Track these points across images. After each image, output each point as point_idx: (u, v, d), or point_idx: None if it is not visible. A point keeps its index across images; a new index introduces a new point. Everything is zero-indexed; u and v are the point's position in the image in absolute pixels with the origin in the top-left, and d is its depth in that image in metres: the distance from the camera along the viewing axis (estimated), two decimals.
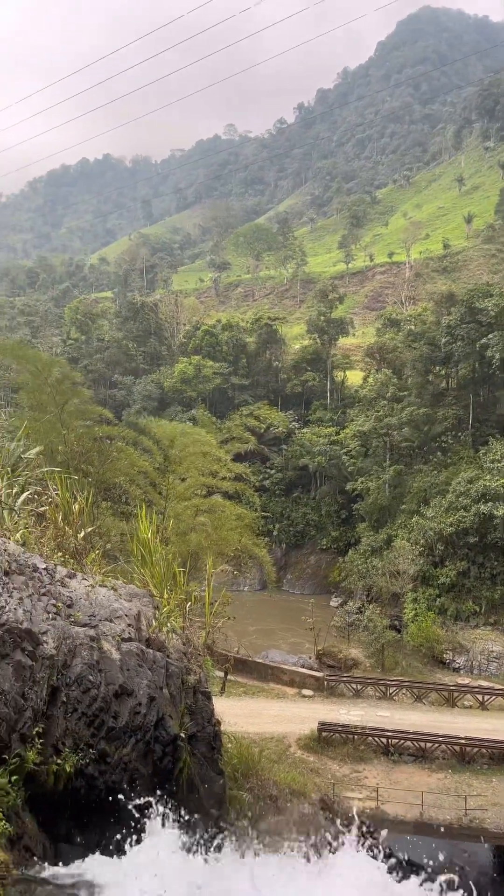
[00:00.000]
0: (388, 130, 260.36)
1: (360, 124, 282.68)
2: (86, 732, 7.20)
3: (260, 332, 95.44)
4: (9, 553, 7.76)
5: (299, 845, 5.97)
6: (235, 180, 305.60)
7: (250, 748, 18.43)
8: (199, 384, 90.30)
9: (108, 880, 4.88)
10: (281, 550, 76.62)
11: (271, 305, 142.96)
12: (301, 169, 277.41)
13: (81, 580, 8.90)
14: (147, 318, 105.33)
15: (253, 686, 32.42)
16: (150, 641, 8.91)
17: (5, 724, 6.33)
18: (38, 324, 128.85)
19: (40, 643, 7.14)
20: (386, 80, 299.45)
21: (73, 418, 33.30)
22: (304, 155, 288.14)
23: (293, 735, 25.64)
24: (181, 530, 30.05)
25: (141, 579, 11.72)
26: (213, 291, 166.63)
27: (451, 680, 35.02)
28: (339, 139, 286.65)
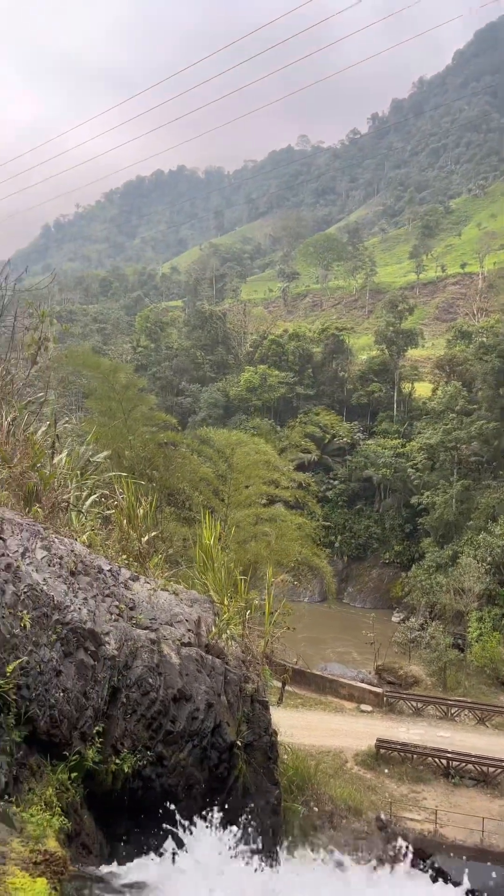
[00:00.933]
0: (463, 140, 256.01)
1: (434, 133, 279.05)
2: (144, 734, 7.26)
3: (327, 342, 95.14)
4: (76, 554, 7.93)
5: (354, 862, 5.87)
6: (307, 190, 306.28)
7: (306, 761, 18.26)
8: (264, 393, 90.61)
9: (162, 883, 4.91)
10: (343, 562, 75.89)
11: (339, 315, 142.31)
12: (373, 179, 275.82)
13: (144, 583, 9.01)
14: (215, 326, 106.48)
15: (310, 698, 32.14)
16: (210, 647, 8.94)
17: (67, 721, 6.46)
18: (110, 331, 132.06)
19: (103, 643, 7.26)
20: (463, 88, 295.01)
21: (140, 424, 33.95)
22: (376, 165, 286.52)
23: (350, 750, 25.26)
24: (241, 538, 30.16)
25: (202, 585, 11.80)
26: (282, 301, 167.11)
27: None
28: (413, 149, 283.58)
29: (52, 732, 6.30)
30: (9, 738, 5.83)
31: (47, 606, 6.78)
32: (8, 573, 6.60)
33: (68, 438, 14.00)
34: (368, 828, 18.20)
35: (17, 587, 6.59)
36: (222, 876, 5.14)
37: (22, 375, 12.35)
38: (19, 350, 12.98)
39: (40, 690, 6.25)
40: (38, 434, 11.54)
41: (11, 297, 12.61)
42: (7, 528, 7.23)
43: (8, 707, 5.93)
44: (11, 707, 5.95)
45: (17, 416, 10.63)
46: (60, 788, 6.12)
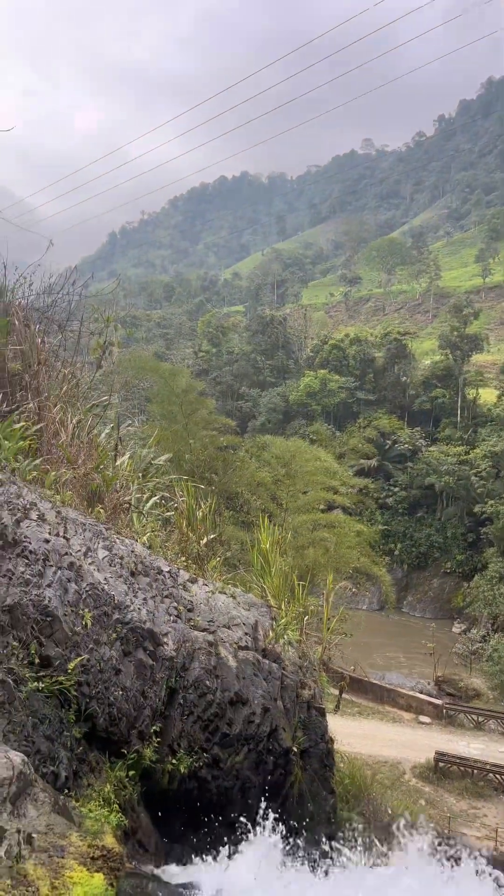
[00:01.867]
0: None
1: (502, 135, 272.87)
2: (200, 736, 7.30)
3: (389, 347, 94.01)
4: (136, 554, 8.04)
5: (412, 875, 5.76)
6: (370, 194, 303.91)
7: (363, 770, 18.02)
8: (324, 398, 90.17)
9: (217, 885, 4.91)
10: (402, 571, 74.71)
11: (402, 320, 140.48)
12: (439, 182, 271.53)
13: (202, 585, 9.07)
14: (275, 331, 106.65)
15: (367, 707, 31.73)
16: (267, 652, 8.92)
17: (125, 719, 6.54)
18: (173, 336, 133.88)
19: (161, 644, 7.33)
20: None
21: (200, 428, 34.29)
22: (442, 167, 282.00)
23: (408, 762, 24.81)
24: (299, 544, 30.05)
25: (259, 589, 11.80)
26: (343, 306, 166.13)
27: None
28: (481, 150, 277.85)
29: (111, 730, 6.40)
30: (69, 734, 5.95)
31: (108, 605, 6.90)
32: (71, 571, 6.75)
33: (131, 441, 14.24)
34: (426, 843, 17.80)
35: (80, 586, 6.73)
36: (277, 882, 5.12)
37: (87, 379, 12.63)
38: (85, 354, 13.28)
39: (100, 688, 6.36)
40: (102, 437, 11.79)
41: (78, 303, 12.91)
42: (71, 528, 7.39)
43: (69, 703, 6.05)
44: (72, 703, 6.07)
45: (82, 418, 10.87)
46: (118, 785, 6.21)
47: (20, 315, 10.62)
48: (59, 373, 11.42)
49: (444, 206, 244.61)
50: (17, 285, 11.27)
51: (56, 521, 7.22)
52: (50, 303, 12.14)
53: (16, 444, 8.20)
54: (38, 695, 5.76)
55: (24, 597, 6.10)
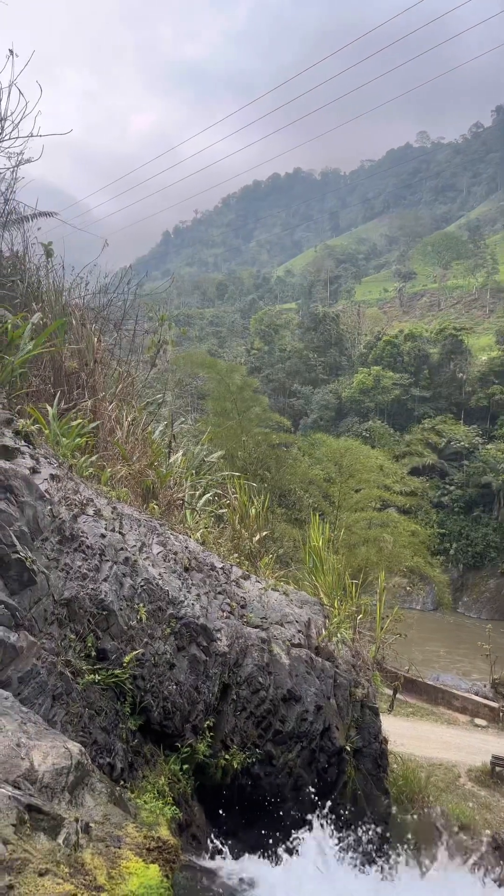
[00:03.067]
0: None
1: None
2: (253, 732, 7.32)
3: (444, 343, 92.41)
4: (189, 550, 8.11)
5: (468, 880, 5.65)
6: (425, 188, 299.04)
7: (417, 772, 17.78)
8: (378, 395, 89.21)
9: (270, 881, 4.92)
10: (458, 571, 73.39)
11: (458, 315, 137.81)
12: (497, 173, 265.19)
13: (255, 582, 9.09)
14: (328, 328, 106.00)
15: (421, 708, 31.28)
16: (319, 650, 8.89)
17: (179, 713, 6.61)
18: (225, 334, 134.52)
19: (214, 640, 7.38)
20: None
21: (253, 425, 34.35)
22: (500, 159, 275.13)
23: (463, 765, 24.35)
24: (352, 542, 29.82)
25: (311, 587, 11.76)
26: (397, 301, 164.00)
27: None
28: None
29: (165, 724, 6.47)
30: (124, 726, 6.04)
31: (162, 600, 6.98)
32: (126, 566, 6.84)
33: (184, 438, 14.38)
34: (481, 846, 17.46)
35: (135, 580, 6.83)
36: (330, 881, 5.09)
37: (141, 377, 12.80)
38: (139, 352, 13.46)
39: (154, 682, 6.43)
40: (156, 434, 11.93)
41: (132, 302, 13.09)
42: (126, 524, 7.50)
43: (124, 696, 6.15)
44: (127, 696, 6.16)
45: (137, 416, 11.02)
46: (172, 779, 6.28)
47: (77, 315, 10.83)
48: (115, 371, 11.60)
49: (503, 199, 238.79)
50: (74, 285, 11.49)
51: (112, 517, 7.34)
52: (105, 302, 12.35)
53: (73, 442, 8.36)
54: (95, 687, 5.86)
55: (82, 591, 6.22)
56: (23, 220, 11.50)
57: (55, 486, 6.88)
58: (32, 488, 6.31)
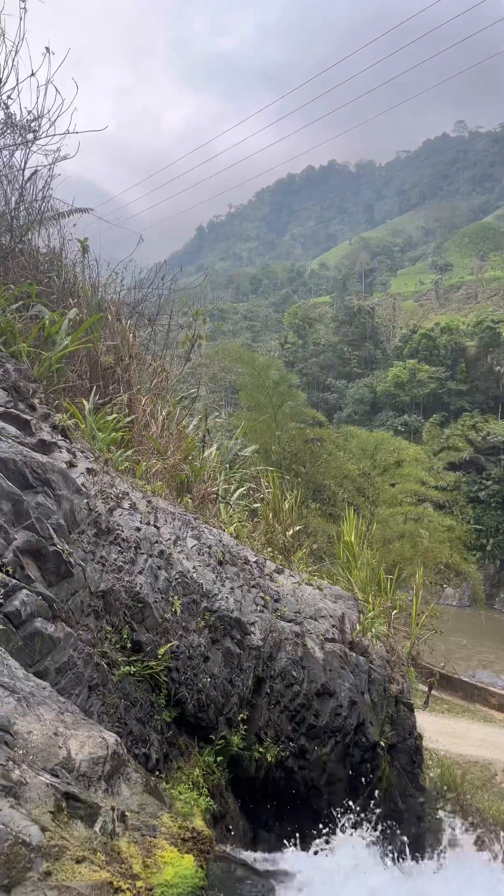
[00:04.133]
0: None
1: None
2: (287, 726, 7.33)
3: (481, 336, 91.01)
4: (223, 544, 8.14)
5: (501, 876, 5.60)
6: (462, 179, 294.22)
7: (452, 769, 17.63)
8: (414, 389, 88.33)
9: (304, 875, 4.93)
10: (494, 567, 72.40)
11: (496, 308, 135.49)
12: None
13: (289, 576, 9.10)
14: (363, 321, 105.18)
15: (457, 705, 30.98)
16: (353, 645, 8.86)
17: (213, 706, 6.65)
18: (259, 328, 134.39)
19: (248, 633, 7.40)
20: None
21: (288, 419, 34.24)
22: None
23: (499, 763, 24.05)
24: (386, 537, 29.57)
25: (346, 582, 11.72)
26: (433, 294, 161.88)
27: None
28: None
29: (199, 716, 6.52)
30: (159, 718, 6.10)
31: (196, 594, 7.02)
32: (161, 559, 6.90)
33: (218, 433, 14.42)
34: None
35: (170, 573, 6.88)
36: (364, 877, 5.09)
37: (176, 372, 12.87)
38: (174, 347, 13.54)
39: (189, 674, 6.48)
40: (190, 428, 11.99)
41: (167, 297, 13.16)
42: (161, 517, 7.56)
43: (159, 688, 6.21)
44: (162, 688, 6.22)
45: (171, 410, 11.09)
46: (207, 770, 6.32)
47: (112, 310, 10.93)
48: (150, 366, 11.69)
49: None
50: (109, 281, 11.60)
51: (147, 510, 7.40)
52: (140, 297, 12.43)
53: (109, 436, 8.45)
54: (130, 678, 5.93)
55: (117, 583, 6.29)
56: (59, 216, 11.63)
57: (91, 480, 6.96)
58: (69, 482, 6.40)
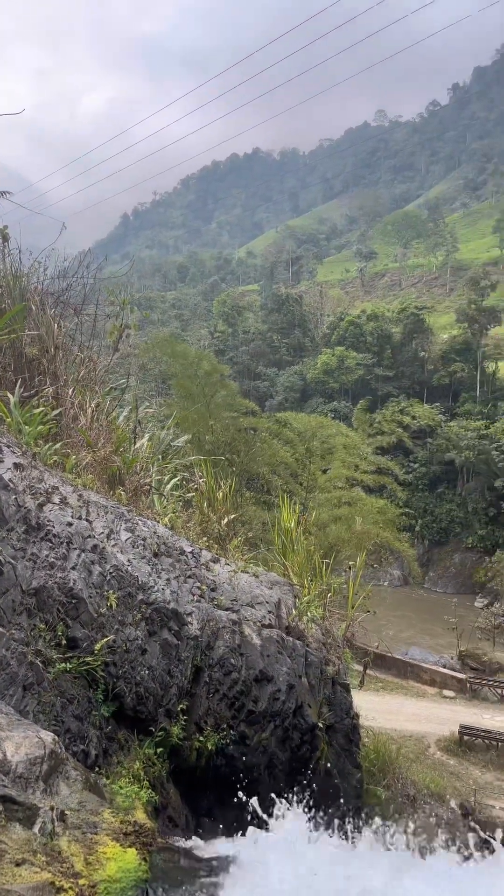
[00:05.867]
0: None
1: None
2: (227, 713, 7.38)
3: (406, 322, 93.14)
4: (158, 535, 8.09)
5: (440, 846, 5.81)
6: (384, 167, 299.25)
7: (388, 745, 18.16)
8: (342, 375, 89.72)
9: (246, 858, 4.99)
10: (423, 547, 74.64)
11: (419, 294, 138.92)
12: (454, 152, 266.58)
13: (225, 565, 9.12)
14: (291, 309, 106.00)
15: (391, 682, 31.90)
16: (290, 629, 8.98)
17: (152, 698, 6.63)
18: (188, 317, 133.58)
19: (185, 624, 7.40)
20: None
21: (221, 409, 34.22)
22: (457, 137, 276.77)
23: (432, 736, 24.96)
24: (321, 522, 30.03)
25: (281, 567, 11.84)
26: (359, 281, 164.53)
27: None
28: (497, 118, 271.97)
29: (139, 709, 6.48)
30: (98, 713, 6.04)
31: (132, 587, 6.96)
32: (94, 554, 6.81)
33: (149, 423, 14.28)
34: (452, 814, 17.95)
35: (104, 567, 6.79)
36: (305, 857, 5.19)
37: (104, 362, 12.64)
38: (101, 338, 13.29)
39: (127, 668, 6.43)
40: (121, 419, 11.82)
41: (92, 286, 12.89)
42: (93, 511, 7.44)
43: (96, 683, 6.14)
44: (100, 683, 6.16)
45: (101, 402, 10.91)
46: (147, 763, 6.30)
47: (36, 300, 10.63)
48: (77, 357, 11.45)
49: (461, 177, 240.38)
50: (32, 270, 11.27)
51: (78, 505, 7.28)
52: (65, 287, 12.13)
53: (36, 429, 8.25)
54: (66, 675, 5.84)
55: (50, 580, 6.17)
56: None
57: (19, 475, 6.78)
58: None
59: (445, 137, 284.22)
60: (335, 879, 4.78)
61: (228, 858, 4.97)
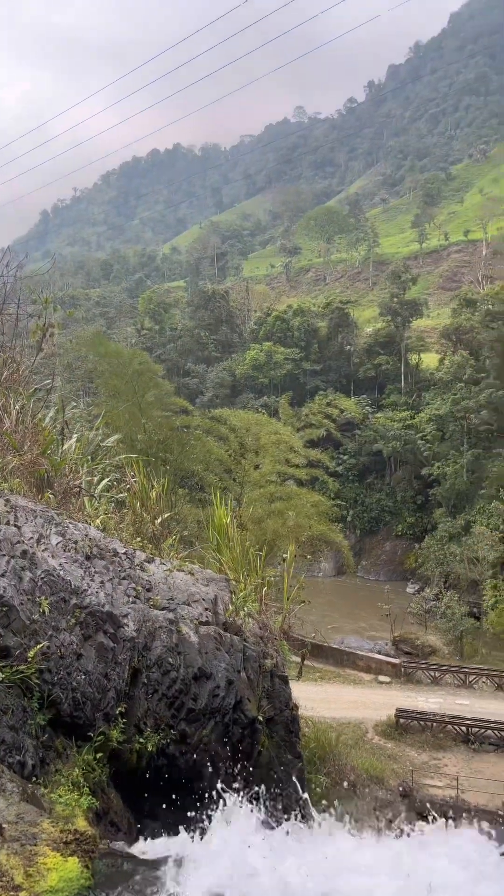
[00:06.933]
0: (462, 104, 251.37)
1: (433, 99, 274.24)
2: (166, 713, 7.35)
3: (332, 317, 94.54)
4: (90, 538, 7.97)
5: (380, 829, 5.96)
6: (305, 163, 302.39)
7: (327, 733, 18.49)
8: (271, 370, 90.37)
9: (192, 857, 4.99)
10: (355, 536, 76.11)
11: (343, 289, 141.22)
12: (372, 148, 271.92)
13: (160, 565, 9.07)
14: (218, 306, 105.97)
15: (329, 671, 32.45)
16: (228, 625, 9.01)
17: (90, 703, 6.54)
18: (113, 315, 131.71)
19: (121, 626, 7.32)
20: (460, 51, 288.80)
21: (153, 408, 33.94)
22: (375, 134, 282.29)
23: (370, 721, 25.55)
24: (257, 517, 30.23)
25: (217, 564, 11.85)
26: (284, 277, 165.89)
27: None
28: (412, 116, 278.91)
29: (76, 715, 6.38)
30: (33, 722, 5.91)
31: (65, 591, 6.84)
32: (24, 560, 6.65)
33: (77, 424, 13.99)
34: (391, 795, 18.44)
35: (35, 573, 6.65)
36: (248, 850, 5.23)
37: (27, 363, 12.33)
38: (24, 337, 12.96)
39: (62, 674, 6.32)
40: (47, 421, 11.56)
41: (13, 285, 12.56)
42: (21, 516, 7.27)
43: (31, 691, 6.00)
44: (35, 691, 6.02)
45: (25, 403, 10.63)
46: (87, 769, 6.21)
47: None
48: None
49: (379, 173, 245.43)
50: None
51: (5, 510, 7.09)
52: None
53: None
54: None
55: None
56: None
57: None
58: None
59: (363, 134, 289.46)
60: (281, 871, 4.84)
61: (172, 858, 4.96)
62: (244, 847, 5.19)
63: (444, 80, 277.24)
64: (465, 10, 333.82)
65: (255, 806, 6.52)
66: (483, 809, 20.68)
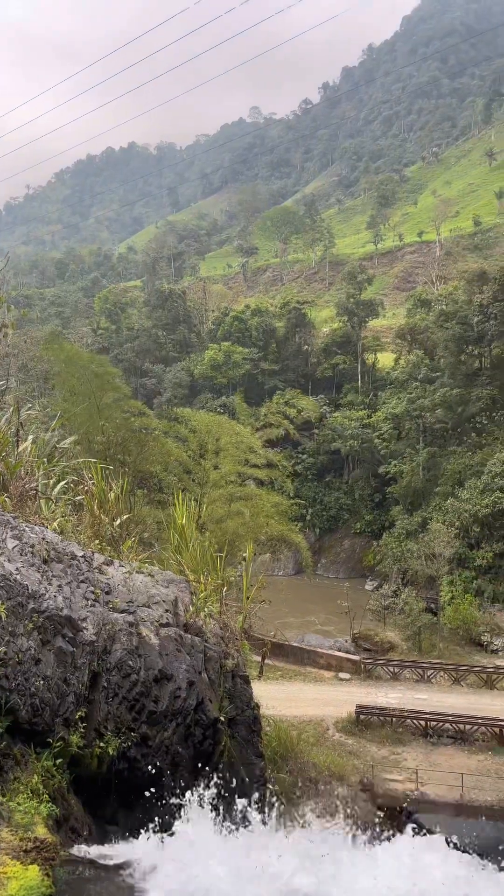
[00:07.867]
0: (415, 106, 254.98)
1: (386, 101, 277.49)
2: (127, 716, 7.30)
3: (289, 317, 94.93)
4: (47, 541, 7.86)
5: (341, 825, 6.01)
6: (261, 164, 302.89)
7: (289, 731, 18.56)
8: (229, 370, 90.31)
9: (154, 860, 4.97)
10: (314, 535, 76.56)
11: (300, 289, 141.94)
12: (327, 150, 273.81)
13: (119, 567, 9.00)
14: (175, 305, 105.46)
15: (290, 670, 32.57)
16: (188, 626, 8.99)
17: (49, 708, 6.45)
18: (69, 314, 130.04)
19: (80, 630, 7.24)
20: (412, 54, 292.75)
21: (111, 409, 33.60)
22: (330, 135, 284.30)
23: (331, 718, 25.72)
24: (217, 517, 30.20)
25: (177, 565, 11.81)
26: (242, 277, 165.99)
27: (489, 662, 34.71)
28: (366, 118, 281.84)
29: (34, 721, 6.29)
30: None
31: (22, 596, 6.73)
32: None
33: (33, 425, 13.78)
34: (352, 791, 18.61)
35: None
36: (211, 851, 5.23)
37: None
38: None
39: (20, 680, 6.22)
40: (1, 423, 11.36)
41: None
42: None
43: None
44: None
45: None
46: (46, 775, 6.13)
47: None
48: None
49: (334, 174, 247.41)
50: None
51: None
52: None
53: None
54: None
55: None
56: None
57: None
58: None
59: (318, 135, 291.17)
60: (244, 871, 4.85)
61: (136, 863, 4.92)
62: (206, 851, 5.19)
63: (397, 83, 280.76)
64: (415, 14, 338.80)
65: (216, 805, 6.52)
66: (442, 802, 21.04)
